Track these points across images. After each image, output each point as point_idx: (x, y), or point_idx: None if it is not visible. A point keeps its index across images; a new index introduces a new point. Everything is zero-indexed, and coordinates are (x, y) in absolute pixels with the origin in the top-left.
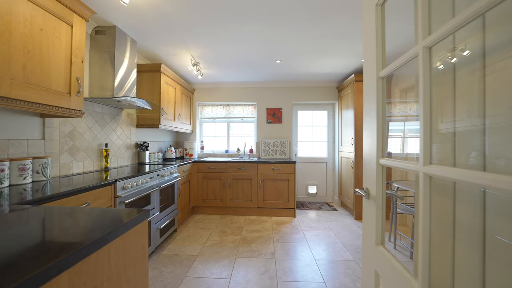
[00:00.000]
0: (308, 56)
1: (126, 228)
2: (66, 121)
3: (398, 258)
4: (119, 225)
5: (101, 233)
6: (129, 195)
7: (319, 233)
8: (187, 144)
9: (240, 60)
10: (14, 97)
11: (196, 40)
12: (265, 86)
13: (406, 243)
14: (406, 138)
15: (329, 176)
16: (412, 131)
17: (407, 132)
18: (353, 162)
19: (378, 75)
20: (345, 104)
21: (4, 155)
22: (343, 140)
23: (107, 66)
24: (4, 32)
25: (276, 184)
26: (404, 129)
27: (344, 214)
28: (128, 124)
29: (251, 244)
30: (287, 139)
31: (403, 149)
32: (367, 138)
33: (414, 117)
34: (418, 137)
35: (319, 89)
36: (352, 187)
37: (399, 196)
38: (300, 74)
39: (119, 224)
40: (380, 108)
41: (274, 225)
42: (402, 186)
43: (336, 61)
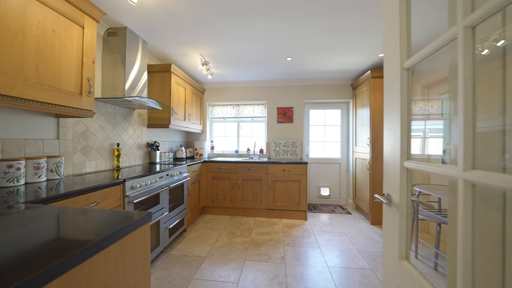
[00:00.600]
0: (320, 53)
1: (126, 232)
2: (80, 121)
3: (420, 269)
4: (118, 229)
5: (97, 238)
6: (138, 194)
7: (332, 237)
8: (197, 144)
9: (250, 58)
10: (27, 98)
11: (204, 39)
12: (275, 84)
13: (428, 252)
14: (427, 139)
15: (342, 178)
16: (433, 131)
17: (427, 132)
18: (369, 163)
19: (402, 66)
20: (360, 102)
21: (21, 154)
22: (358, 140)
23: (118, 67)
24: (18, 34)
25: (287, 186)
26: (425, 129)
27: (359, 218)
28: (140, 124)
29: (260, 247)
30: (298, 139)
31: (423, 150)
32: (389, 138)
33: (437, 116)
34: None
35: (332, 87)
36: (368, 190)
37: (428, 205)
38: (312, 71)
39: (118, 228)
40: (405, 104)
41: (285, 227)
42: (424, 190)
43: (351, 57)
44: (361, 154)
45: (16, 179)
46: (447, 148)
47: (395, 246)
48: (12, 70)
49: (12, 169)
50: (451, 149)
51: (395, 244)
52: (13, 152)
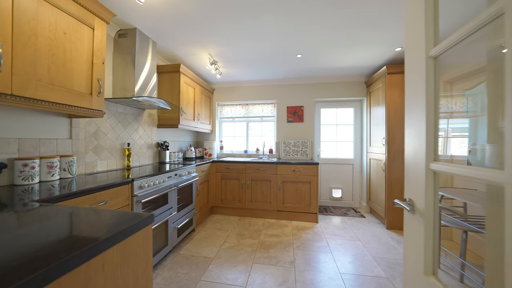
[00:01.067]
0: (332, 48)
1: (126, 234)
2: (91, 121)
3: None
4: (118, 231)
5: (95, 241)
6: (146, 194)
7: (345, 242)
8: (207, 144)
9: (258, 56)
10: (39, 98)
11: (212, 38)
12: (285, 83)
13: (452, 262)
14: (449, 138)
15: (356, 179)
16: (456, 130)
17: (449, 132)
18: (384, 164)
19: (428, 54)
20: (375, 100)
21: (36, 153)
22: (372, 140)
23: (128, 67)
24: (31, 36)
25: (297, 187)
26: (447, 128)
27: (374, 222)
28: (150, 124)
29: (269, 250)
30: (309, 138)
31: (445, 151)
32: (411, 137)
33: (462, 114)
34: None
35: (345, 84)
36: (384, 192)
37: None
38: (323, 68)
39: (118, 230)
40: (432, 98)
41: (294, 230)
42: (448, 194)
43: (365, 52)
44: (376, 154)
45: (31, 177)
46: (474, 149)
47: (420, 259)
48: (25, 72)
49: (27, 168)
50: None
51: (420, 257)
52: (28, 151)
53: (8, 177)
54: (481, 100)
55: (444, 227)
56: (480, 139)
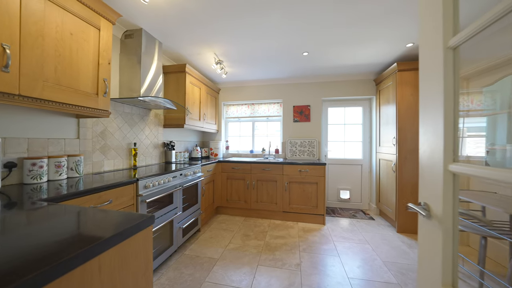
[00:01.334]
0: (340, 45)
1: (124, 236)
2: (98, 121)
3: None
4: (115, 233)
5: (90, 243)
6: (151, 194)
7: (353, 245)
8: (213, 143)
9: (264, 55)
10: (46, 98)
11: (217, 37)
12: (291, 82)
13: (470, 269)
14: (464, 138)
15: (364, 181)
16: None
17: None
18: (395, 165)
19: (446, 45)
20: (384, 98)
21: (44, 152)
22: (382, 139)
23: (135, 68)
24: (38, 38)
25: (304, 187)
26: (463, 127)
27: (384, 225)
28: (156, 124)
29: (275, 252)
30: (316, 138)
31: (460, 151)
32: (426, 136)
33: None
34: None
35: (353, 82)
36: (394, 194)
37: (482, 220)
38: (330, 67)
39: (115, 232)
40: (450, 93)
41: (301, 232)
42: (465, 197)
43: (374, 49)
44: (385, 155)
45: (39, 176)
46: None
47: (437, 268)
48: (32, 72)
49: (35, 167)
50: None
51: (437, 266)
52: (37, 150)
53: (18, 176)
54: (501, 97)
55: (460, 231)
56: (499, 138)
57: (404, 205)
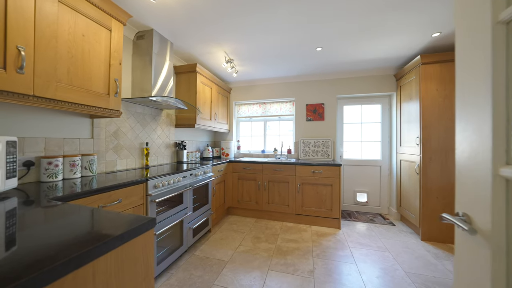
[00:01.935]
0: (355, 38)
1: (122, 240)
2: (112, 122)
3: None
4: (112, 237)
5: (84, 248)
6: (160, 193)
7: (371, 252)
8: (224, 143)
9: (275, 52)
10: (59, 99)
11: (226, 35)
12: (304, 80)
13: None
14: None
15: (384, 183)
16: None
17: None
18: (418, 167)
19: (496, 18)
20: (406, 94)
21: (60, 152)
22: (403, 139)
23: (146, 68)
24: (51, 40)
25: (317, 189)
26: None
27: (405, 231)
28: (168, 124)
29: (287, 256)
30: (330, 138)
31: None
32: (466, 133)
33: None
34: None
35: (371, 78)
36: (418, 198)
37: None
38: (346, 62)
39: (112, 236)
40: (502, 78)
41: (314, 236)
42: None
43: (395, 41)
44: (407, 155)
45: (54, 175)
46: None
47: None
48: (46, 73)
49: (51, 166)
50: None
51: None
52: (53, 150)
53: (35, 174)
54: None
55: None
56: None
57: (429, 210)
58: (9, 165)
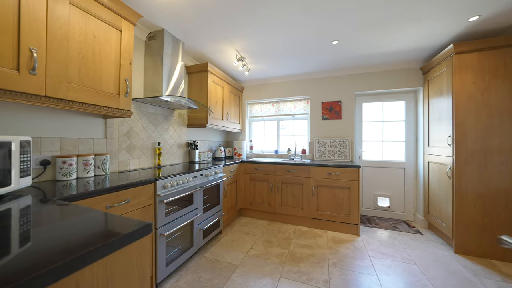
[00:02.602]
0: (377, 29)
1: (112, 248)
2: (124, 122)
3: None
4: (99, 245)
5: (67, 257)
6: (169, 194)
7: (395, 264)
8: (236, 143)
9: (287, 48)
10: (70, 99)
11: (237, 32)
12: (319, 76)
13: None
14: None
15: (408, 187)
16: None
17: None
18: (451, 169)
19: None
20: (436, 89)
21: (75, 151)
22: (432, 139)
23: (157, 68)
24: (63, 41)
25: (334, 192)
26: None
27: (435, 241)
28: (180, 124)
29: (300, 264)
30: (348, 138)
31: None
32: None
33: None
34: None
35: (393, 73)
36: (451, 205)
37: None
38: (365, 55)
39: (100, 244)
40: None
41: (331, 242)
42: None
43: (422, 29)
44: (437, 157)
45: (68, 173)
46: None
47: None
48: (57, 74)
49: (65, 165)
50: None
51: None
52: (68, 149)
53: (52, 173)
54: None
55: None
56: None
57: (464, 220)
58: (22, 164)
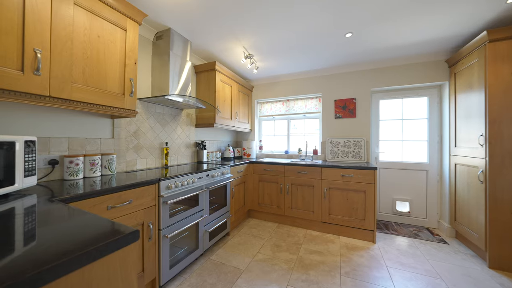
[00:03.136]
0: (395, 18)
1: (90, 259)
2: (132, 122)
3: None
4: (74, 255)
5: (38, 268)
6: (173, 195)
7: (417, 277)
8: (245, 143)
9: (297, 43)
10: (74, 99)
11: (244, 28)
12: (332, 72)
13: None
14: None
15: (432, 191)
16: None
17: None
18: (483, 173)
19: None
20: (464, 82)
21: (83, 151)
22: (460, 138)
23: (164, 68)
24: (67, 41)
25: (347, 195)
26: None
27: (464, 253)
28: (188, 124)
29: (309, 271)
30: (363, 137)
31: None
32: None
33: None
34: None
35: (414, 67)
36: (483, 213)
37: None
38: (382, 48)
39: (74, 254)
40: None
41: (343, 249)
42: None
43: (448, 15)
44: (466, 158)
45: (75, 173)
46: None
47: None
48: (62, 75)
49: (72, 164)
50: None
51: None
52: (76, 149)
53: (59, 172)
54: None
55: None
56: None
57: (500, 229)
58: (27, 164)
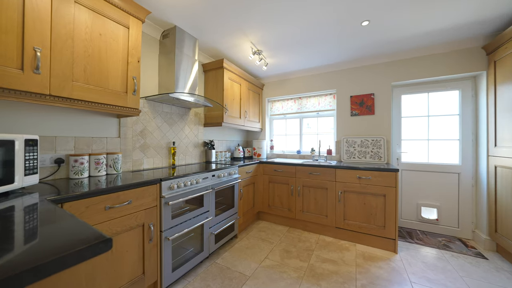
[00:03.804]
0: (417, 2)
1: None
2: (138, 121)
3: None
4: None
5: None
6: (175, 196)
7: None
8: (256, 143)
9: (308, 35)
10: (75, 98)
11: (251, 22)
12: (347, 67)
13: None
14: None
15: (465, 196)
16: None
17: None
18: None
19: None
20: (507, 72)
21: (89, 150)
22: (501, 137)
23: (170, 66)
24: (68, 40)
25: (365, 199)
26: None
27: (507, 271)
28: (196, 123)
29: (320, 282)
30: (382, 136)
31: None
32: None
33: None
34: None
35: (442, 56)
36: None
37: None
38: (404, 37)
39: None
40: None
41: (360, 258)
42: None
43: None
44: (509, 160)
45: (80, 172)
46: None
47: None
48: (62, 73)
49: (77, 163)
50: None
51: None
52: (82, 148)
53: (65, 171)
54: None
55: None
56: None
57: None
58: (28, 163)
